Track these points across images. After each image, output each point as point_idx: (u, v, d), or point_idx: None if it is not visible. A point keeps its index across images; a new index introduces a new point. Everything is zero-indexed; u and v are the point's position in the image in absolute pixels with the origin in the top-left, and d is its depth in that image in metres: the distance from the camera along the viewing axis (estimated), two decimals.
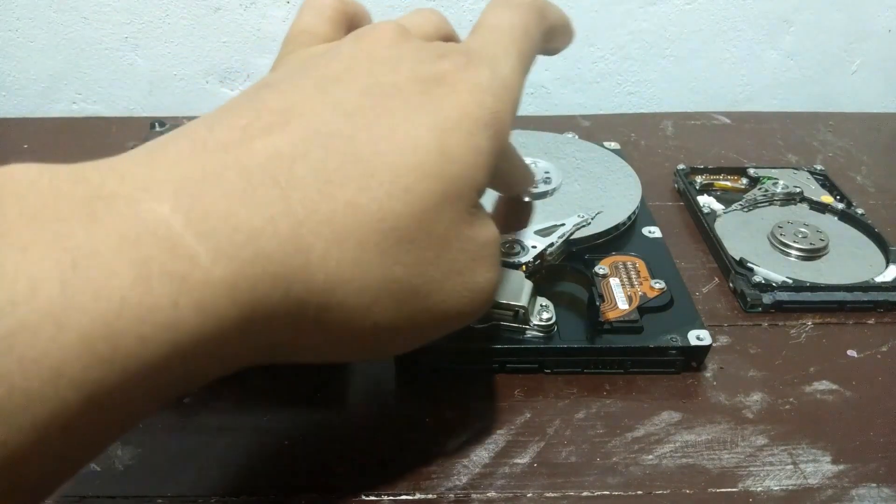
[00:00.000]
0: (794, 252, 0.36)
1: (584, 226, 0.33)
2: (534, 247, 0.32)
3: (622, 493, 0.25)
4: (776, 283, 0.34)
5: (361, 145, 0.18)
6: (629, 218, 0.37)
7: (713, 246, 0.38)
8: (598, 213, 0.35)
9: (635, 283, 0.32)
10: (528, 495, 0.25)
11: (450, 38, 0.24)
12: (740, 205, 0.40)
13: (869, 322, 0.34)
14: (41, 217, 0.14)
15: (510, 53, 0.22)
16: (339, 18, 0.24)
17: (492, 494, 0.25)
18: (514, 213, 0.31)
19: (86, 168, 0.16)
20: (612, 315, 0.30)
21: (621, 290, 0.32)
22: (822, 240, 0.37)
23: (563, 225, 0.33)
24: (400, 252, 0.18)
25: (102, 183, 0.16)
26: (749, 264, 0.35)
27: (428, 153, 0.19)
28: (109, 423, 0.15)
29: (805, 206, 0.41)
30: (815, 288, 0.34)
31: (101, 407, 0.14)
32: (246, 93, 0.20)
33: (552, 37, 0.26)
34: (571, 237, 0.33)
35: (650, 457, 0.26)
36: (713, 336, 0.30)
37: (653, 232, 0.37)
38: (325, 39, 0.23)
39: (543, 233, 0.33)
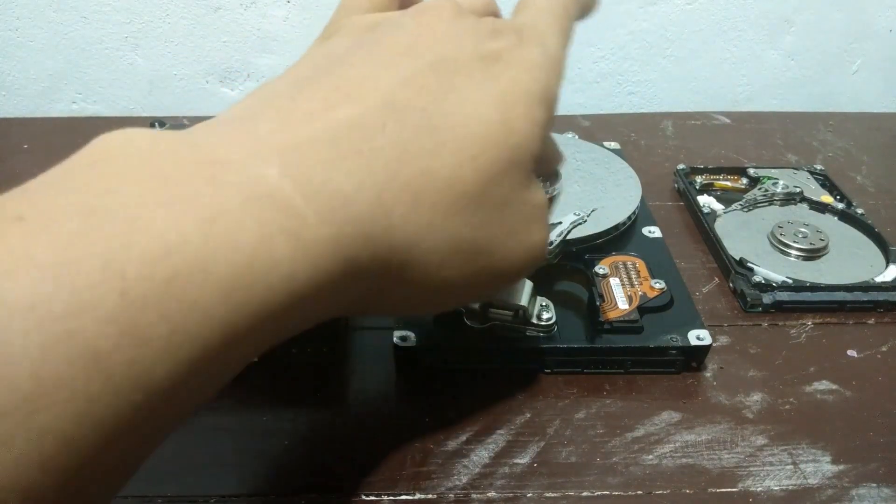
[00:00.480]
0: (794, 252, 0.36)
1: (580, 223, 0.33)
2: None
3: (622, 493, 0.25)
4: (776, 283, 0.34)
5: (433, 117, 0.20)
6: (629, 218, 0.37)
7: (713, 246, 0.38)
8: (593, 210, 0.35)
9: (635, 282, 0.32)
10: (528, 495, 0.25)
11: (496, 15, 0.26)
12: (740, 205, 0.40)
13: (869, 322, 0.34)
14: (172, 178, 0.16)
15: (555, 31, 0.24)
16: None
17: (492, 494, 0.25)
18: None
19: (193, 135, 0.18)
20: (612, 315, 0.30)
21: (621, 289, 0.32)
22: (822, 240, 0.37)
23: (559, 223, 0.33)
24: (467, 214, 0.20)
25: (214, 150, 0.17)
26: (749, 264, 0.35)
27: (492, 125, 0.20)
28: (235, 362, 0.17)
29: (805, 206, 0.41)
30: (815, 288, 0.34)
31: (233, 348, 0.16)
32: (313, 63, 0.22)
33: (583, 9, 0.27)
34: (568, 236, 0.33)
35: (650, 457, 0.26)
36: (713, 336, 0.30)
37: (653, 232, 0.37)
38: (379, 8, 0.25)
39: None
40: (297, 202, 0.17)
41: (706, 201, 0.41)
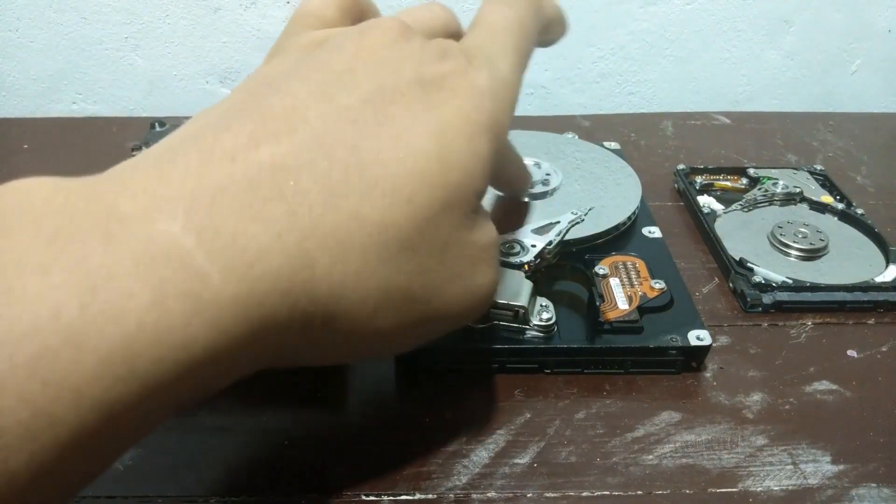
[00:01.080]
0: (794, 252, 0.36)
1: (578, 222, 0.33)
2: (533, 245, 0.32)
3: (622, 493, 0.25)
4: (776, 283, 0.34)
5: (364, 154, 0.18)
6: (629, 218, 0.37)
7: (713, 246, 0.38)
8: (591, 209, 0.35)
9: (635, 283, 0.32)
10: (528, 495, 0.25)
11: (456, 34, 0.24)
12: (740, 205, 0.40)
13: (869, 322, 0.34)
14: (59, 238, 0.15)
15: (508, 51, 0.22)
16: (349, 6, 0.24)
17: (492, 494, 0.25)
18: (511, 213, 0.31)
19: (97, 183, 0.16)
20: (612, 315, 0.30)
21: (621, 290, 0.32)
22: (822, 240, 0.37)
23: (558, 223, 0.33)
24: (401, 261, 0.18)
25: (115, 201, 0.16)
26: (749, 264, 0.35)
27: (429, 161, 0.19)
28: (125, 436, 0.16)
29: (805, 206, 0.41)
30: (815, 288, 0.34)
31: (117, 423, 0.15)
32: (249, 89, 0.20)
33: (547, 30, 0.26)
34: (567, 235, 0.33)
35: (650, 457, 0.26)
36: (713, 336, 0.30)
37: (653, 232, 0.37)
38: (330, 25, 0.23)
39: (540, 231, 0.33)
40: (198, 260, 0.15)
41: (706, 201, 0.41)
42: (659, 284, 0.32)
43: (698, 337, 0.30)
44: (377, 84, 0.19)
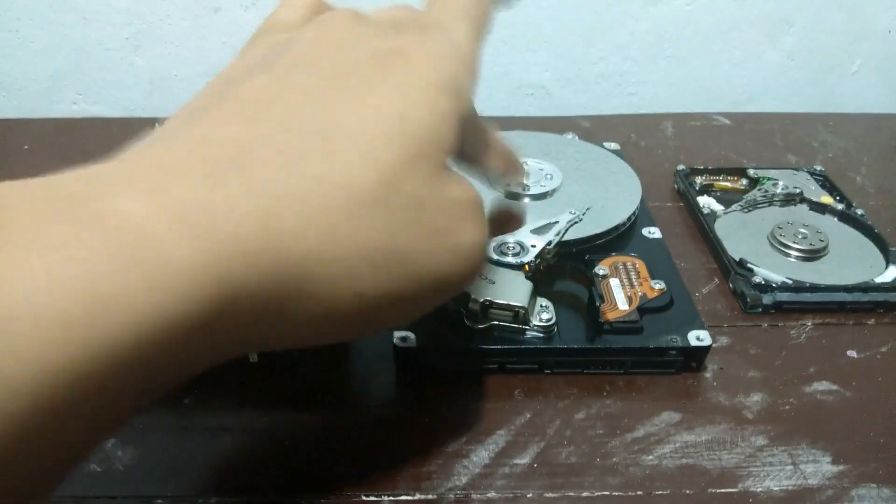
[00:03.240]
0: (793, 252, 0.37)
1: (576, 222, 0.33)
2: (533, 246, 0.32)
3: (622, 493, 0.25)
4: (776, 283, 0.34)
5: (325, 123, 0.19)
6: (629, 218, 0.37)
7: (713, 246, 0.38)
8: (588, 208, 0.35)
9: (635, 283, 0.32)
10: (528, 495, 0.25)
11: None
12: (740, 205, 0.40)
13: (869, 322, 0.34)
14: (16, 220, 0.15)
15: (462, 20, 0.23)
16: (313, 12, 0.25)
17: (492, 494, 0.25)
18: (510, 216, 0.31)
19: (55, 177, 0.17)
20: (612, 315, 0.30)
21: (621, 290, 0.32)
22: (822, 240, 0.37)
23: (556, 223, 0.33)
24: (371, 217, 0.19)
25: (69, 186, 0.16)
26: (749, 265, 0.35)
27: (389, 119, 0.19)
28: (99, 417, 0.15)
29: (805, 206, 0.41)
30: (814, 288, 0.34)
31: (88, 400, 0.15)
32: (218, 83, 0.22)
33: None
34: (566, 234, 0.33)
35: (650, 457, 0.26)
36: (713, 336, 0.30)
37: (653, 232, 0.37)
38: (296, 27, 0.24)
39: (539, 231, 0.33)
40: (152, 226, 0.15)
41: (706, 202, 0.41)
42: (659, 285, 0.32)
43: (698, 337, 0.30)
44: (336, 63, 0.20)
